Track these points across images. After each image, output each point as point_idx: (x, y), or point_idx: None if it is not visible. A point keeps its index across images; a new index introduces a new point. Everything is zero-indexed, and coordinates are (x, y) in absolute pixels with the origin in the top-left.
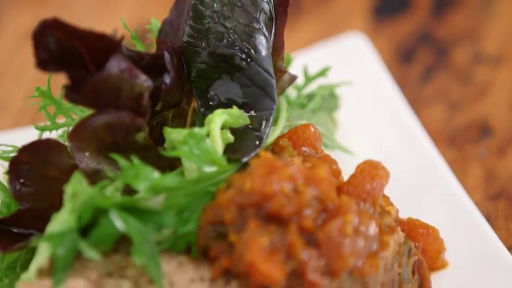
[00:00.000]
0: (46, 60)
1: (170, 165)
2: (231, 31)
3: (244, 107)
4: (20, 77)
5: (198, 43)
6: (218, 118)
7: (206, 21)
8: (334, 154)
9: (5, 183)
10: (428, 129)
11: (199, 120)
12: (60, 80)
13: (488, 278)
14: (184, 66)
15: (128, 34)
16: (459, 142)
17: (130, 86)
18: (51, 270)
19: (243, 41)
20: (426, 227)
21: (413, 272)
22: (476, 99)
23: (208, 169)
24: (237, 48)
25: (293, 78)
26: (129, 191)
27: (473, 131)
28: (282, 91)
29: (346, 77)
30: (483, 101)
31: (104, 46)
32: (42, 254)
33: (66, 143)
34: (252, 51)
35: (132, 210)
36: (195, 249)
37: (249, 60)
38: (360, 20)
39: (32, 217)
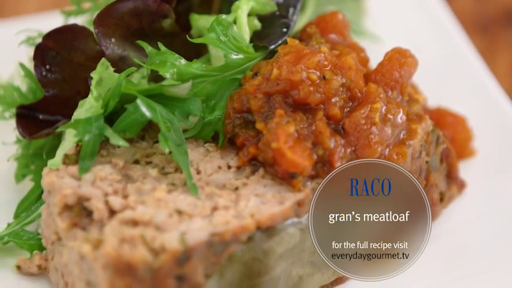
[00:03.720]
0: None
1: (197, 52)
2: None
3: None
4: None
5: None
6: (245, 5)
7: None
8: (362, 42)
9: (31, 69)
10: (458, 17)
11: (226, 6)
12: None
13: None
14: None
15: None
16: (490, 30)
17: None
18: (78, 157)
19: None
20: (455, 115)
21: (441, 160)
22: None
23: (235, 56)
24: None
25: None
26: (155, 78)
27: (504, 18)
28: None
29: None
30: None
31: None
32: (69, 140)
33: (92, 29)
34: None
35: (158, 97)
36: (222, 137)
37: None
38: None
39: (57, 103)
